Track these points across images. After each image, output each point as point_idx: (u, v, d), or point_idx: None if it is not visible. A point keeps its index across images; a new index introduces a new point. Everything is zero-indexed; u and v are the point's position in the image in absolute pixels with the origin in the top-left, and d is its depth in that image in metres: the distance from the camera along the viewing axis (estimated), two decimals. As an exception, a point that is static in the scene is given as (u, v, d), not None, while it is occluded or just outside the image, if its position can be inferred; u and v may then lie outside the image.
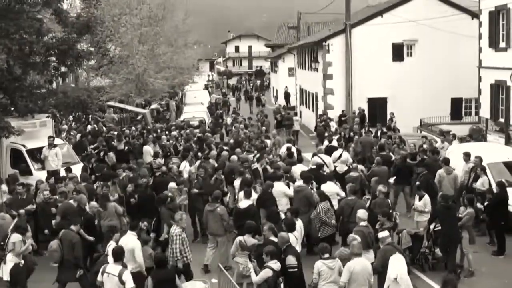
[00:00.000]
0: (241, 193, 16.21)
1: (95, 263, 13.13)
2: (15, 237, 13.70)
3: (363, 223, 13.70)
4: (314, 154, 22.40)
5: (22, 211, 15.86)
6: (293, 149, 23.10)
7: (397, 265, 11.27)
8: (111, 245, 12.76)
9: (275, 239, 12.59)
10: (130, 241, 13.01)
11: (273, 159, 21.56)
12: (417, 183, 19.10)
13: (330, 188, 17.43)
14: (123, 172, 19.75)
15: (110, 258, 12.00)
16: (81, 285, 13.72)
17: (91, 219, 15.63)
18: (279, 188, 17.07)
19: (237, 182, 18.36)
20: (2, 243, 13.92)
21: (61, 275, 13.70)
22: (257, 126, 32.34)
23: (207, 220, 15.79)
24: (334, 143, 25.52)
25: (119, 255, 11.63)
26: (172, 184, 17.65)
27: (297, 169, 19.45)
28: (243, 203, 15.63)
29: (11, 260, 13.48)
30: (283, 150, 23.85)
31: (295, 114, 40.91)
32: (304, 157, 22.57)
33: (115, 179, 18.95)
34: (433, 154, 21.23)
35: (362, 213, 13.89)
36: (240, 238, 13.05)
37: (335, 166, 21.19)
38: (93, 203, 16.17)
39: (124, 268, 11.47)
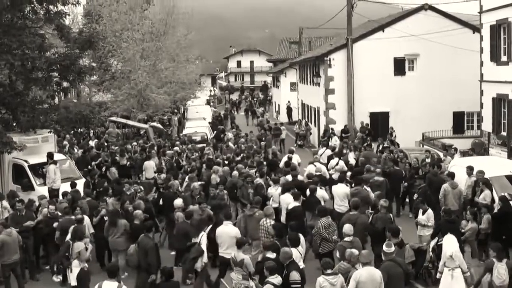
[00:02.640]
0: (286, 196, 17.54)
1: (190, 251, 14.45)
2: (79, 245, 14.41)
3: (347, 239, 13.68)
4: (310, 163, 23.18)
5: (79, 216, 16.23)
6: (295, 159, 23.94)
7: (451, 244, 13.36)
8: (203, 235, 14.54)
9: (272, 256, 12.52)
10: (231, 229, 14.54)
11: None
12: (415, 195, 19.17)
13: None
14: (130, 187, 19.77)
15: (203, 246, 14.20)
16: None
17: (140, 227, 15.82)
18: (318, 193, 18.02)
19: (273, 189, 19.01)
20: (67, 254, 14.59)
21: (138, 278, 14.29)
22: (255, 141, 32.53)
23: (246, 225, 16.31)
24: (351, 155, 26.33)
25: (113, 272, 11.71)
26: (178, 201, 17.57)
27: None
28: (292, 204, 16.74)
29: (76, 266, 14.02)
30: (283, 160, 24.36)
31: (281, 124, 43.00)
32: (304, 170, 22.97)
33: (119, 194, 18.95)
34: (433, 168, 21.25)
35: (347, 228, 13.87)
36: (232, 254, 13.06)
37: (331, 174, 22.20)
38: (139, 211, 16.29)
39: (120, 284, 11.50)
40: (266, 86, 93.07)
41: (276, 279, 11.48)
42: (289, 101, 59.14)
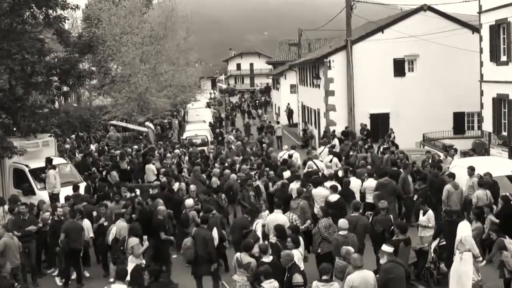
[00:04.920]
0: (320, 189, 18.02)
1: (246, 237, 14.70)
2: (133, 241, 14.56)
3: (342, 232, 13.76)
4: (308, 159, 23.69)
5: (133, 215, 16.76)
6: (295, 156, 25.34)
7: (463, 229, 14.05)
8: (258, 223, 15.46)
9: (267, 259, 12.42)
10: (279, 217, 15.27)
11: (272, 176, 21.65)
12: (415, 196, 19.11)
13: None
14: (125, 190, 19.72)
15: (259, 233, 15.05)
16: (214, 278, 14.60)
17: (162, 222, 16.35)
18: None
19: (294, 185, 19.15)
20: (122, 248, 14.97)
21: (197, 269, 14.44)
22: (255, 144, 32.54)
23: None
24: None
25: (123, 276, 11.69)
26: (189, 201, 17.54)
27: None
28: (333, 197, 17.31)
29: (132, 261, 14.24)
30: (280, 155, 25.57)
31: (278, 123, 45.43)
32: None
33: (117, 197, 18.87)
34: (434, 169, 21.22)
35: (342, 222, 14.01)
36: (237, 255, 12.99)
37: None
38: (162, 207, 16.63)
39: (128, 287, 11.48)
40: (268, 88, 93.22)
41: (269, 285, 11.23)
42: (289, 103, 59.13)
